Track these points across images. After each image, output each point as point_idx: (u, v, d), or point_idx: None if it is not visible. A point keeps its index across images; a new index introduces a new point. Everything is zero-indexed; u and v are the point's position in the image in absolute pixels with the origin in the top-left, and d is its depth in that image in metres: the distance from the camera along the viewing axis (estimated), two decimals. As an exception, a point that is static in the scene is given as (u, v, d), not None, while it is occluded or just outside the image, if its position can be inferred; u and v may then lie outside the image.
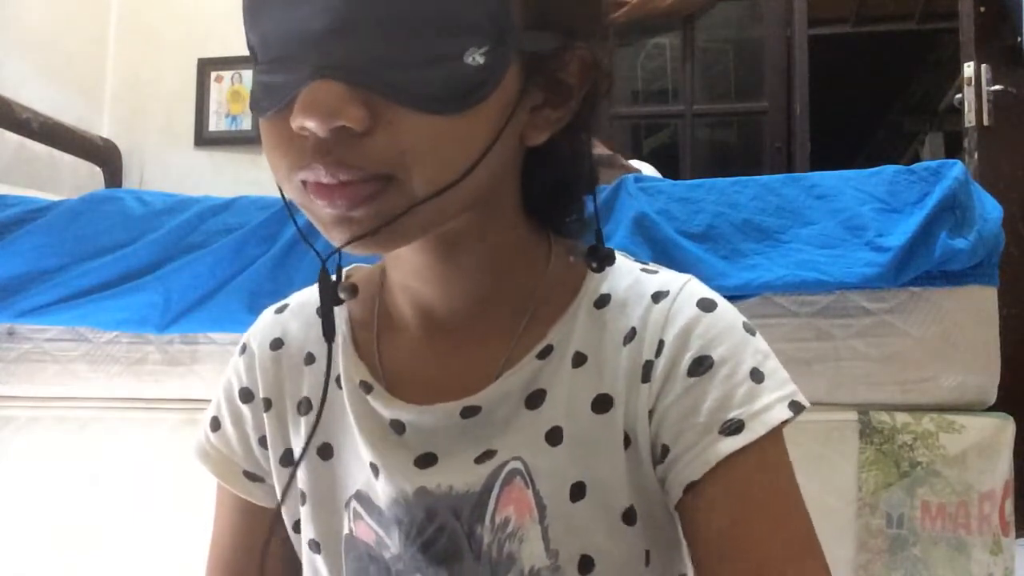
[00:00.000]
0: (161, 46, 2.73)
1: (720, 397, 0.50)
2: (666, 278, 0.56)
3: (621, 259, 0.59)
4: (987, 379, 1.16)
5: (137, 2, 2.77)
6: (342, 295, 0.53)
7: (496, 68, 0.44)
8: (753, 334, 0.53)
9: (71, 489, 1.29)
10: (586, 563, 0.51)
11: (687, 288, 0.55)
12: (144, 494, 1.27)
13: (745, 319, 0.54)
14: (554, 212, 0.58)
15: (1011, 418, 1.15)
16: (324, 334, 0.53)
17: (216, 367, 1.29)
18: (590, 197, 0.60)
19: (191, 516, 1.21)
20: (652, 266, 0.59)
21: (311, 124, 0.42)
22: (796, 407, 0.51)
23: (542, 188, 0.56)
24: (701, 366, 0.51)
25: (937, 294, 1.16)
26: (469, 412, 0.53)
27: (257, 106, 0.46)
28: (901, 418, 1.14)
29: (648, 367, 0.52)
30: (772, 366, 0.52)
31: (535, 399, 0.53)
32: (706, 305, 0.53)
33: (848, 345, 1.16)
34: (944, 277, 1.15)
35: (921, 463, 1.13)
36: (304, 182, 0.45)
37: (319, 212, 0.46)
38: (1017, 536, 1.16)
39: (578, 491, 0.52)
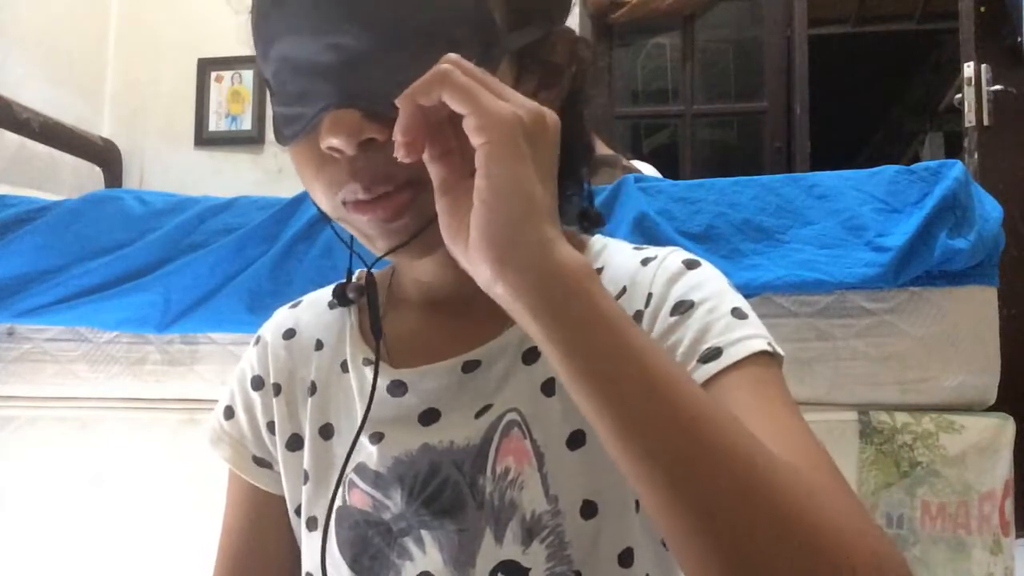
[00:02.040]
0: (161, 46, 2.73)
1: (700, 329, 0.52)
2: (654, 248, 0.61)
3: (614, 240, 0.63)
4: (987, 379, 1.16)
5: (137, 2, 2.78)
6: (350, 295, 0.58)
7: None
8: (737, 292, 0.56)
9: (71, 489, 1.29)
10: (589, 508, 0.53)
11: (674, 252, 0.59)
12: (144, 494, 1.27)
13: (729, 281, 0.57)
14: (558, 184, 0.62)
15: (1011, 418, 1.15)
16: (372, 331, 0.57)
17: (216, 367, 1.29)
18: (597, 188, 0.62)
19: (192, 516, 1.22)
20: (642, 245, 0.63)
21: (338, 142, 0.46)
22: (773, 349, 0.51)
23: None
24: (682, 306, 0.53)
25: (937, 294, 1.16)
26: (470, 366, 0.56)
27: (281, 136, 0.51)
28: (901, 418, 1.14)
29: (638, 316, 0.55)
30: (753, 316, 0.54)
31: (531, 355, 0.56)
32: (691, 263, 0.57)
33: (848, 345, 1.16)
34: (944, 277, 1.15)
35: (921, 463, 1.13)
36: (344, 202, 0.49)
37: (361, 226, 0.50)
38: (1017, 536, 1.16)
39: (577, 439, 0.54)
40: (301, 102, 0.48)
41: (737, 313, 0.53)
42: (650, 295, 0.55)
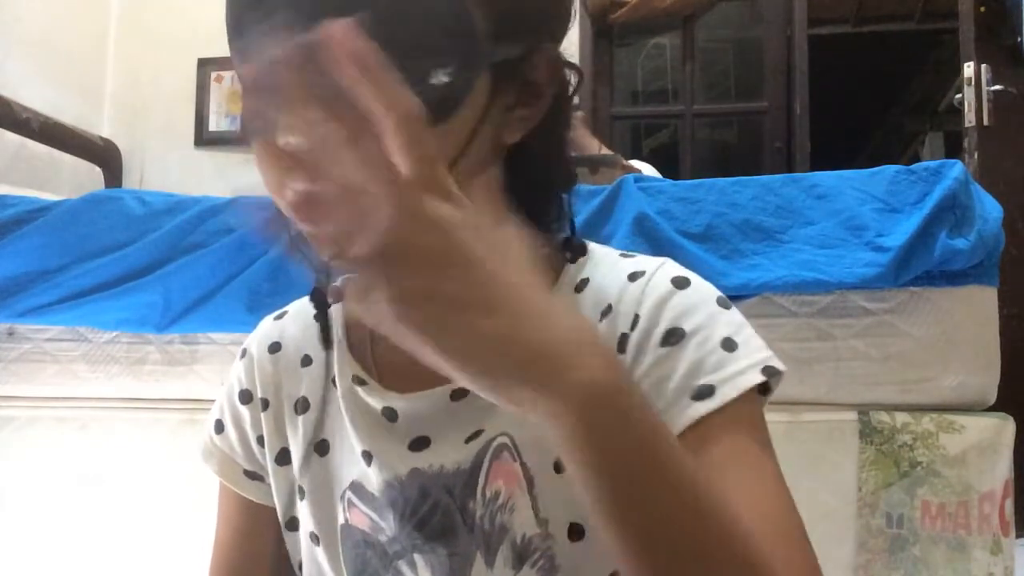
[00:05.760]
0: (161, 46, 2.73)
1: (692, 363, 0.51)
2: (642, 261, 0.58)
3: (600, 248, 0.61)
4: (987, 379, 1.16)
5: (137, 2, 2.77)
6: (330, 299, 0.57)
7: (463, 84, 0.46)
8: (727, 307, 0.55)
9: (71, 489, 1.29)
10: (576, 530, 0.53)
11: (662, 268, 0.57)
12: (144, 494, 1.27)
13: (720, 294, 0.56)
14: (534, 209, 0.60)
15: (1011, 418, 1.15)
16: (322, 340, 0.56)
17: (216, 367, 1.29)
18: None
19: (191, 516, 1.22)
20: (630, 253, 0.61)
21: (296, 139, 0.44)
22: (770, 371, 0.51)
23: (521, 185, 0.57)
24: (673, 336, 0.52)
25: (937, 294, 1.16)
26: (459, 394, 0.55)
27: (246, 134, 0.50)
28: (901, 418, 1.14)
29: (623, 339, 0.54)
30: (746, 335, 0.53)
31: None
32: (680, 282, 0.55)
33: (848, 345, 1.16)
34: (944, 277, 1.15)
35: (921, 463, 1.13)
36: (291, 204, 0.47)
37: (307, 231, 0.49)
38: (1017, 536, 1.16)
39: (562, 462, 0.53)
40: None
41: (727, 344, 0.51)
42: (637, 317, 0.54)
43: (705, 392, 0.49)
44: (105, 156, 2.56)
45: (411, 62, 0.43)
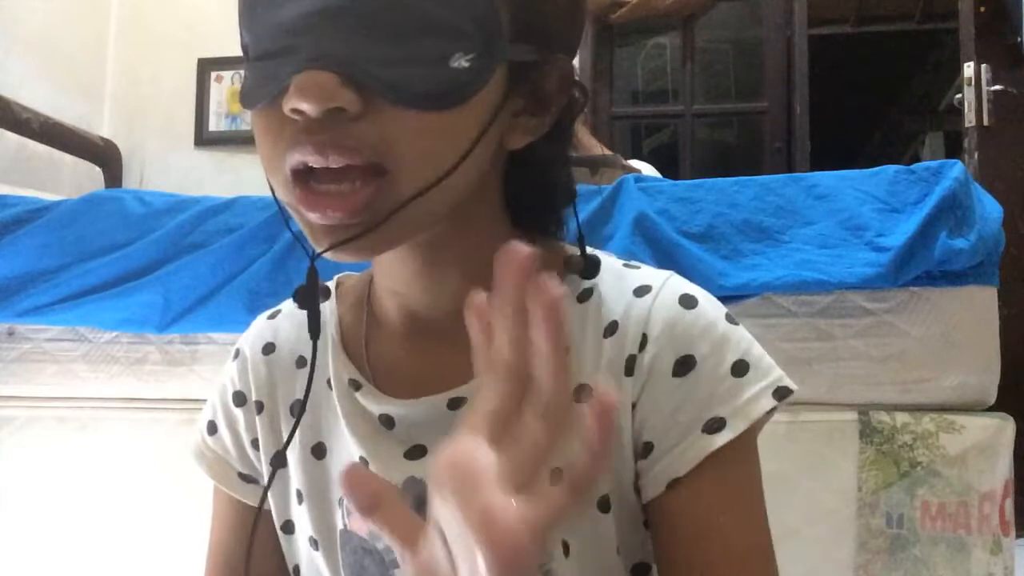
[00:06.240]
0: (161, 46, 2.73)
1: (705, 395, 0.51)
2: (647, 274, 0.57)
3: (603, 255, 0.60)
4: (987, 379, 1.16)
5: (137, 2, 2.77)
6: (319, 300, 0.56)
7: (481, 72, 0.46)
8: (735, 324, 0.54)
9: (71, 489, 1.29)
10: (565, 547, 0.53)
11: (668, 284, 0.55)
12: (144, 494, 1.27)
13: (727, 311, 0.55)
14: (535, 219, 0.59)
15: (1011, 418, 1.15)
16: (309, 330, 0.55)
17: (216, 367, 1.29)
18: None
19: (191, 516, 1.21)
20: (634, 263, 0.60)
21: (305, 105, 0.43)
22: (782, 392, 0.52)
23: (522, 194, 0.57)
24: (685, 366, 0.52)
25: (937, 294, 1.16)
26: (456, 403, 0.54)
27: (248, 99, 0.47)
28: (901, 418, 1.14)
29: (631, 361, 0.53)
30: (756, 354, 0.53)
31: None
32: (687, 302, 0.54)
33: (848, 345, 1.16)
34: (944, 277, 1.15)
35: (921, 463, 1.13)
36: (294, 176, 0.46)
37: (308, 218, 0.47)
38: (1017, 536, 1.16)
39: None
40: (275, 62, 0.45)
41: (739, 368, 0.52)
42: (645, 337, 0.53)
43: (718, 425, 0.50)
44: (105, 156, 2.56)
45: (436, 42, 0.44)
